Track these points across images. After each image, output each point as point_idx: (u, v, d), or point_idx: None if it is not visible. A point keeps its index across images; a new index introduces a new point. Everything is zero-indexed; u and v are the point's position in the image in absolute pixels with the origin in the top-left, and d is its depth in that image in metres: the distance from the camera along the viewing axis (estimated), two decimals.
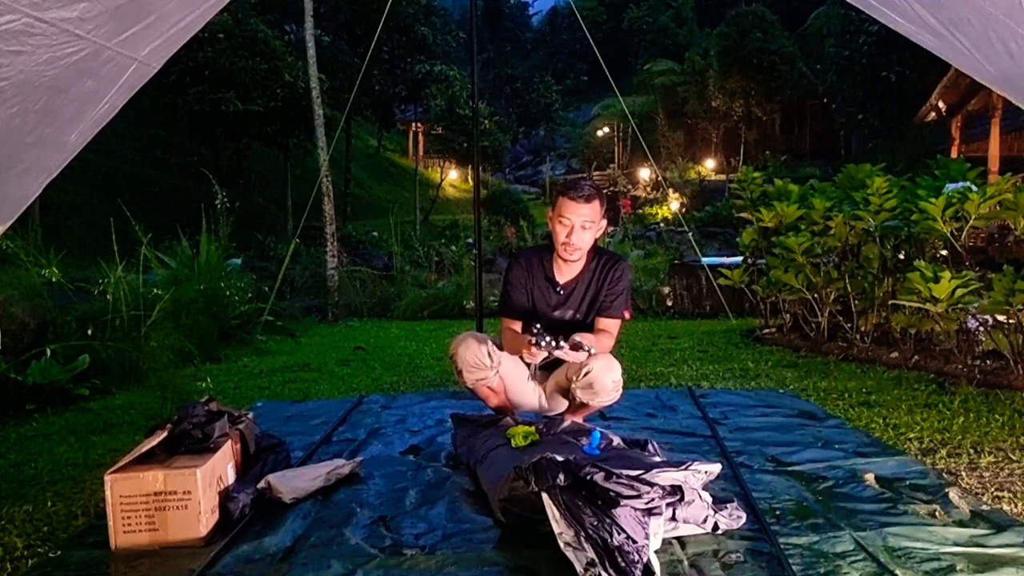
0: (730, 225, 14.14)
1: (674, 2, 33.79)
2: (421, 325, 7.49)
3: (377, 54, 18.35)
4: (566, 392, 2.79)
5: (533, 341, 2.35)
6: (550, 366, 2.87)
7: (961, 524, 2.03)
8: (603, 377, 2.59)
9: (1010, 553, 1.85)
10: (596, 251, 2.84)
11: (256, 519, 2.21)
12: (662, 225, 20.73)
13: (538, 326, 2.43)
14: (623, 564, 1.67)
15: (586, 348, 2.38)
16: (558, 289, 2.80)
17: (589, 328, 2.77)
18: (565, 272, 2.80)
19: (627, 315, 2.81)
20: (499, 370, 2.73)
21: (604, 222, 2.78)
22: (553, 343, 2.34)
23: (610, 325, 2.75)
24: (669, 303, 8.04)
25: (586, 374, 2.59)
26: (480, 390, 2.79)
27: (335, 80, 17.29)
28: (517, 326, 2.81)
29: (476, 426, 2.79)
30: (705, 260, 7.89)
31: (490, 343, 2.73)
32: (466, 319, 7.62)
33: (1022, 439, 2.83)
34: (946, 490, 2.28)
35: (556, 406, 2.91)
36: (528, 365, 2.83)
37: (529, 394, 2.89)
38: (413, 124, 31.81)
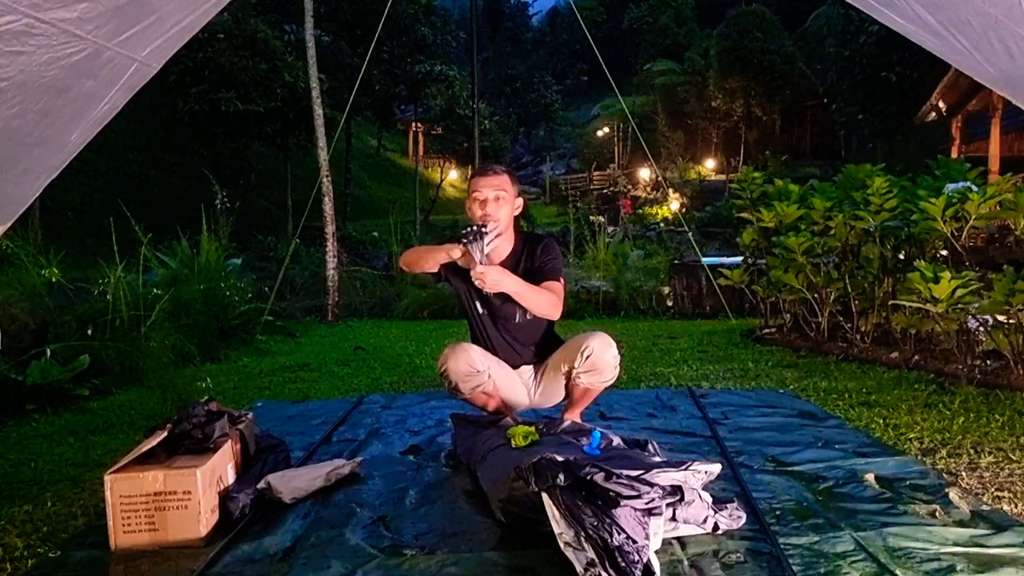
0: (730, 225, 14.13)
1: (674, 2, 33.79)
2: (421, 325, 7.48)
3: (377, 54, 18.34)
4: (560, 385, 2.80)
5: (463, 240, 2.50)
6: (542, 354, 2.87)
7: (961, 524, 2.03)
8: (604, 355, 2.62)
9: (1010, 553, 1.85)
10: (523, 235, 2.86)
11: (256, 519, 2.21)
12: (662, 225, 20.77)
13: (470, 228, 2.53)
14: (623, 564, 1.67)
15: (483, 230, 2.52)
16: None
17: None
18: (493, 258, 2.77)
19: (562, 280, 2.78)
20: (490, 372, 2.73)
21: (520, 200, 2.80)
22: (476, 237, 2.49)
23: (551, 286, 2.70)
24: (669, 303, 8.04)
25: (587, 357, 2.61)
26: (478, 398, 2.78)
27: (335, 80, 17.31)
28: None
29: (476, 426, 2.79)
30: (705, 260, 7.89)
31: (476, 348, 2.74)
32: (465, 319, 7.61)
33: (1022, 439, 2.83)
34: (946, 490, 2.28)
35: (546, 400, 2.92)
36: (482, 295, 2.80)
37: (519, 390, 2.88)
38: (413, 124, 31.82)
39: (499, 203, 2.68)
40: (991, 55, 2.32)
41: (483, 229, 2.53)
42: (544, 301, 2.65)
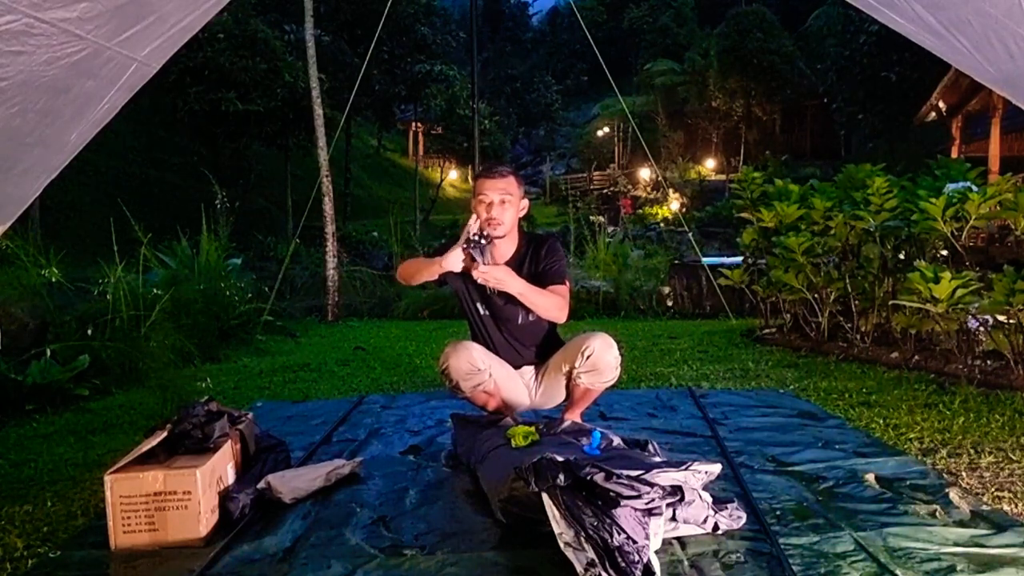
0: (730, 225, 14.14)
1: (674, 2, 33.81)
2: (421, 325, 7.48)
3: (377, 54, 18.36)
4: (561, 385, 2.80)
5: (467, 241, 2.50)
6: (544, 355, 2.87)
7: (961, 524, 2.03)
8: (605, 355, 2.63)
9: (1010, 553, 1.84)
10: (526, 235, 2.86)
11: (256, 519, 2.21)
12: (662, 225, 20.78)
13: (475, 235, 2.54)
14: (623, 564, 1.67)
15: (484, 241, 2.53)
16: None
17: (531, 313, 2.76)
18: (497, 259, 2.76)
19: (567, 282, 2.78)
20: (491, 371, 2.73)
21: (525, 202, 2.80)
22: (477, 245, 2.50)
23: (558, 289, 2.70)
24: (669, 303, 8.05)
25: (588, 357, 2.62)
26: (478, 396, 2.78)
27: (335, 80, 17.32)
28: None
29: (476, 426, 2.79)
30: (705, 260, 7.89)
31: (478, 347, 2.74)
32: (465, 319, 7.61)
33: (1022, 439, 2.83)
34: (946, 490, 2.28)
35: (547, 400, 2.92)
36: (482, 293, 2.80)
37: (520, 390, 2.88)
38: (413, 124, 31.84)
39: (504, 206, 2.68)
40: (991, 55, 2.32)
41: (482, 240, 2.52)
42: (550, 304, 2.64)
